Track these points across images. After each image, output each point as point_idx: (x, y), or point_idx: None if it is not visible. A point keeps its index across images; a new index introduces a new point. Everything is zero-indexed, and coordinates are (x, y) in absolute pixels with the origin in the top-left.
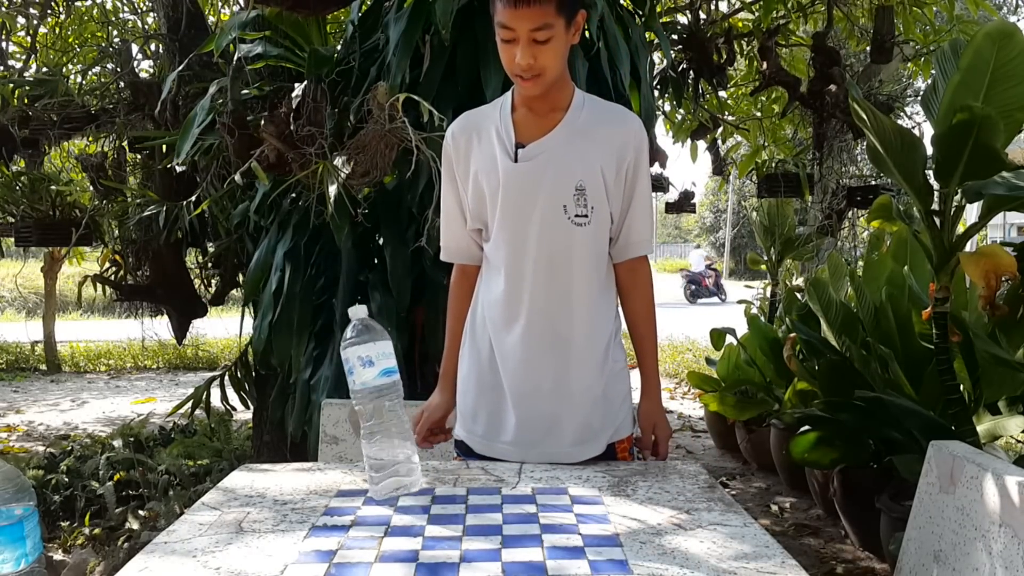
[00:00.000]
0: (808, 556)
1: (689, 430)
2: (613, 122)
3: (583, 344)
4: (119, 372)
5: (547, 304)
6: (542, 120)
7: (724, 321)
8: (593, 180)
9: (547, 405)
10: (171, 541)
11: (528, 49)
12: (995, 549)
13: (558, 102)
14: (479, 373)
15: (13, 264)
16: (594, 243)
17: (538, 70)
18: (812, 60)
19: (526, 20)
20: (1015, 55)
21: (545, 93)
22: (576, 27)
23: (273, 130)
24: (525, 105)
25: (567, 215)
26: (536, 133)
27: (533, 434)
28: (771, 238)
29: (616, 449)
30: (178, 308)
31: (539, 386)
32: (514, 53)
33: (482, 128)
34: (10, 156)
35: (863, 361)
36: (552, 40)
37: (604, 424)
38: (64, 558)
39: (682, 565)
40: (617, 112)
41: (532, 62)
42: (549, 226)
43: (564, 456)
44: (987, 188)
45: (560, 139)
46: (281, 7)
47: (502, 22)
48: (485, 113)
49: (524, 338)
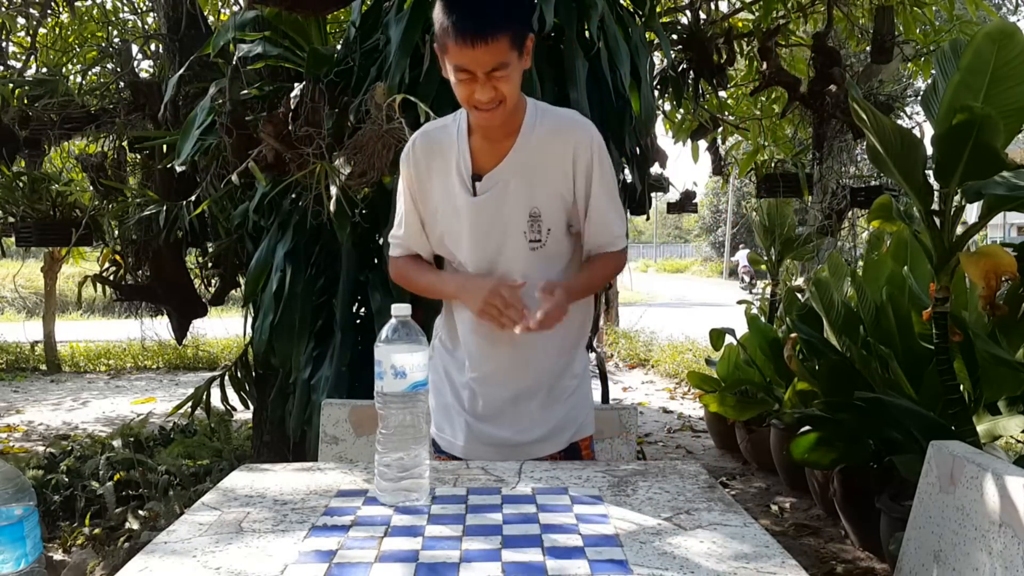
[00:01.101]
0: (808, 556)
1: (689, 430)
2: (563, 134)
3: (542, 363)
4: (119, 372)
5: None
6: (496, 146)
7: (723, 321)
8: (547, 204)
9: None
10: (171, 541)
11: (487, 84)
12: (995, 549)
13: (512, 126)
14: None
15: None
16: (551, 262)
17: (500, 98)
18: (812, 60)
19: (482, 62)
20: (1015, 55)
21: (500, 123)
22: (527, 52)
23: (271, 130)
24: (480, 132)
25: (526, 239)
26: (491, 161)
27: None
28: (771, 238)
29: (580, 447)
30: (178, 308)
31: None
32: (472, 89)
33: (444, 151)
34: (11, 156)
35: (863, 361)
36: (509, 69)
37: (566, 422)
38: (64, 558)
39: (682, 565)
40: (567, 122)
41: (493, 95)
42: (511, 253)
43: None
44: (987, 188)
45: (513, 167)
46: (280, 7)
47: (458, 64)
48: (444, 134)
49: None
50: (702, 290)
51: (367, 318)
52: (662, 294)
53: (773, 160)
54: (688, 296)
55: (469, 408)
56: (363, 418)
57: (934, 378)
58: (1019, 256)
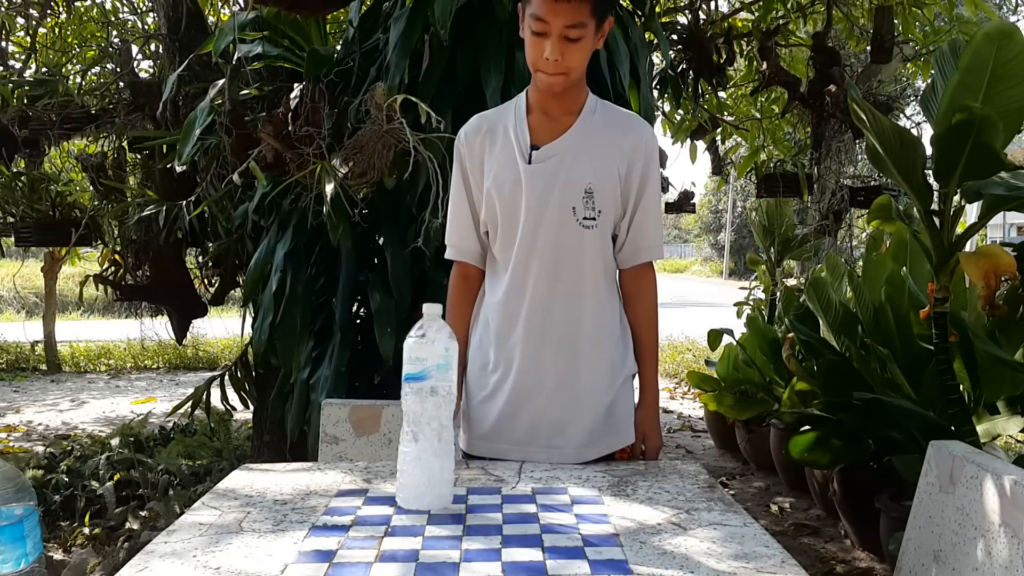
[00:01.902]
0: (808, 556)
1: (689, 430)
2: (625, 128)
3: (590, 346)
4: (119, 372)
5: (552, 305)
6: (556, 123)
7: (723, 322)
8: (602, 184)
9: (551, 406)
10: (171, 541)
11: (558, 45)
12: (995, 549)
13: (573, 106)
14: (483, 378)
15: (13, 264)
16: (600, 246)
17: (564, 68)
18: (812, 60)
19: (563, 15)
20: (1014, 55)
21: (562, 94)
22: (602, 33)
23: (271, 130)
24: (540, 108)
25: (575, 217)
26: (549, 136)
27: (536, 435)
28: (770, 238)
29: (614, 456)
30: (178, 308)
31: (543, 386)
32: (543, 47)
33: (496, 130)
34: (10, 156)
35: (862, 361)
36: (582, 40)
37: (606, 432)
38: (64, 558)
39: (682, 565)
40: (629, 119)
41: (560, 58)
42: (558, 227)
43: (566, 457)
44: (987, 188)
45: (572, 142)
46: (280, 7)
47: (537, 14)
48: (499, 115)
49: (527, 338)
50: (702, 290)
51: (367, 318)
52: (662, 294)
53: (773, 160)
54: (688, 296)
55: None
56: (363, 418)
57: (933, 378)
58: (1019, 256)
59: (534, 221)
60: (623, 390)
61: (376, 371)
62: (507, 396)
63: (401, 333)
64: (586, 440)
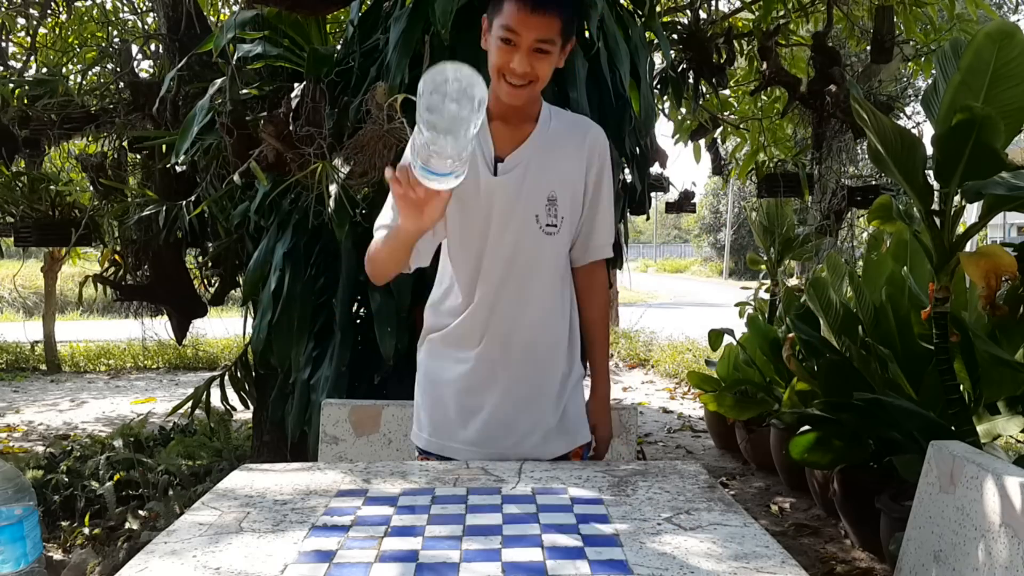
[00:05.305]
0: (808, 556)
1: (689, 430)
2: (582, 131)
3: (545, 350)
4: (119, 372)
5: (508, 309)
6: (516, 131)
7: (723, 322)
8: (564, 191)
9: (505, 408)
10: (171, 541)
11: (528, 57)
12: (995, 549)
13: (530, 114)
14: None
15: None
16: (560, 252)
17: (532, 78)
18: (812, 60)
19: (535, 30)
20: (1015, 55)
21: (523, 104)
22: (565, 53)
23: (272, 130)
24: (500, 117)
25: (539, 224)
26: (512, 145)
27: (489, 436)
28: (770, 238)
29: (569, 455)
30: (178, 308)
31: (497, 389)
32: (511, 57)
33: None
34: (10, 156)
35: (863, 361)
36: (550, 55)
37: (559, 432)
38: (64, 558)
39: (682, 565)
40: (581, 122)
41: (529, 70)
42: (521, 235)
43: (521, 456)
44: (987, 188)
45: (534, 150)
46: (280, 7)
47: (508, 25)
48: None
49: (484, 342)
50: (702, 290)
51: (367, 318)
52: (662, 294)
53: (773, 160)
54: (688, 296)
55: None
56: (363, 418)
57: (934, 378)
58: (1019, 256)
59: (498, 230)
60: (575, 392)
61: (376, 371)
62: (461, 397)
63: (401, 333)
64: (539, 441)
